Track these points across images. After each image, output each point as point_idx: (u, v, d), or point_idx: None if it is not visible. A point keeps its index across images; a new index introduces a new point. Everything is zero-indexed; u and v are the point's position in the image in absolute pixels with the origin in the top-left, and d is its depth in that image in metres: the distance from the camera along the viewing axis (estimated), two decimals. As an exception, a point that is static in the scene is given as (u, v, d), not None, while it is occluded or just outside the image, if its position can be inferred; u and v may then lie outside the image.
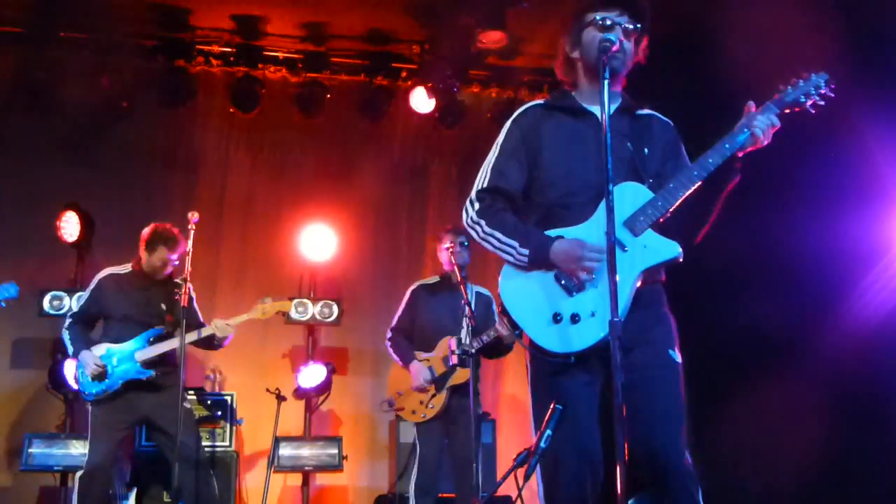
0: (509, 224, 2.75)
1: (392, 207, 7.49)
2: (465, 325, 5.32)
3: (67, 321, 5.17)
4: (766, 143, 2.63)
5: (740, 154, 2.65)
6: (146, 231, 5.20)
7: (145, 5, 6.41)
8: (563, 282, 2.64)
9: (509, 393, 7.36)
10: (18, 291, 4.82)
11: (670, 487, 2.57)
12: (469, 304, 5.05)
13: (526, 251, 2.68)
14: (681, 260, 2.66)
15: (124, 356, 4.98)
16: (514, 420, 7.28)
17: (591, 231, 2.67)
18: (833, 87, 2.68)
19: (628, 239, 2.63)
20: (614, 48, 2.54)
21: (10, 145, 6.78)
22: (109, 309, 5.14)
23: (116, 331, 5.09)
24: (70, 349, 5.06)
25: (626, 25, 2.71)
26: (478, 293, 5.51)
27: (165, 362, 5.04)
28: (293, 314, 6.51)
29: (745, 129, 2.61)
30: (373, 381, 7.09)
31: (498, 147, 2.89)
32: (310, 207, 7.13)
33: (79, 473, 4.92)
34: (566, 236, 2.67)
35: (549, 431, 2.57)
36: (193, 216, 4.84)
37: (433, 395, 5.24)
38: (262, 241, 7.14)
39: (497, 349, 5.35)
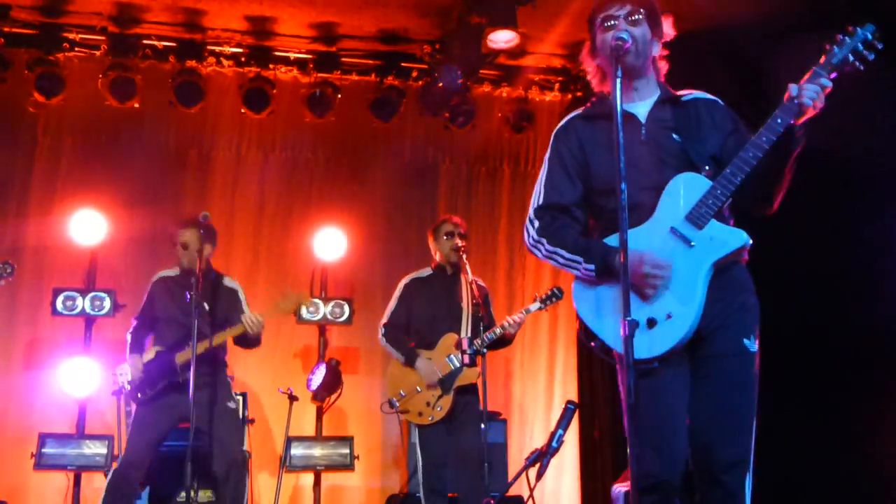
0: (570, 240, 2.75)
1: (403, 207, 7.49)
2: (464, 319, 5.29)
3: (132, 324, 5.27)
4: (820, 107, 2.57)
5: (797, 122, 2.58)
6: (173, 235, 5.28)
7: (157, 6, 6.43)
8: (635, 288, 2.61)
9: (519, 393, 7.34)
10: (14, 270, 4.83)
11: (707, 488, 2.56)
12: (481, 305, 5.05)
13: (592, 266, 2.67)
14: (749, 245, 2.62)
15: (167, 357, 5.02)
16: (524, 420, 7.28)
17: (652, 231, 2.65)
18: (881, 37, 2.59)
19: (693, 234, 2.60)
20: (626, 45, 2.52)
21: (23, 146, 6.82)
22: (159, 312, 5.20)
23: (163, 333, 5.16)
24: (127, 352, 5.18)
25: (630, 16, 2.69)
26: (477, 285, 5.29)
27: (202, 362, 4.95)
28: (304, 314, 6.52)
29: (795, 102, 2.56)
30: (384, 381, 7.07)
31: (547, 164, 2.90)
32: (321, 207, 7.15)
33: (113, 469, 4.95)
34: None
35: (560, 431, 2.57)
36: (205, 216, 4.85)
37: (440, 397, 5.15)
38: (274, 240, 7.16)
39: (499, 344, 5.31)
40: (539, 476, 2.60)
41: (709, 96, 2.88)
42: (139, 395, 5.02)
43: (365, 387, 7.06)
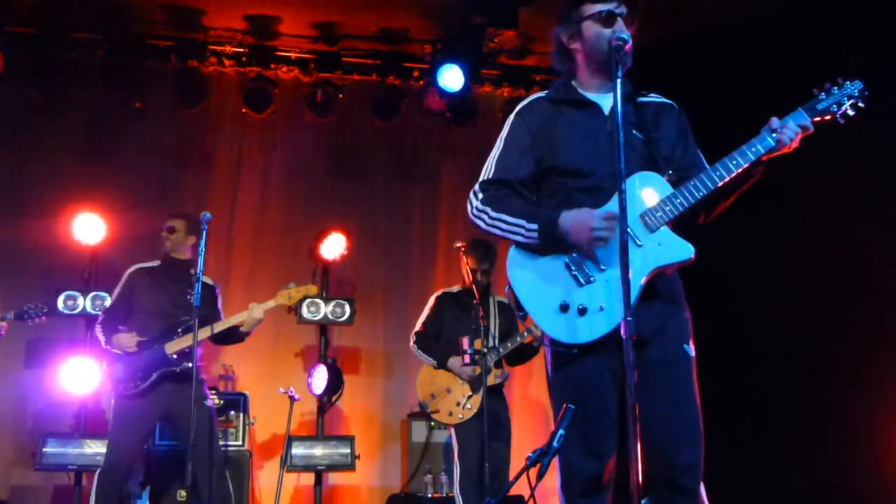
0: (515, 206, 2.71)
1: (404, 206, 7.50)
2: (490, 335, 5.38)
3: (100, 317, 5.20)
4: (795, 147, 2.58)
5: (764, 158, 2.60)
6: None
7: (159, 6, 6.43)
8: (573, 271, 2.60)
9: (521, 393, 7.34)
10: (50, 311, 4.86)
11: (667, 493, 2.55)
12: (479, 306, 5.11)
13: (534, 226, 2.62)
14: (692, 260, 2.60)
15: (155, 347, 5.00)
16: (525, 419, 7.27)
17: None
18: (867, 96, 2.63)
19: (643, 234, 2.59)
20: (627, 47, 2.51)
21: (25, 146, 6.82)
22: (140, 303, 5.17)
23: (143, 323, 5.09)
24: (102, 340, 5.07)
25: (628, 17, 2.66)
26: (500, 303, 5.54)
27: (187, 357, 4.98)
28: (305, 314, 6.51)
29: (774, 135, 2.56)
30: (385, 381, 7.10)
31: (503, 141, 2.86)
32: (322, 207, 7.16)
33: (98, 470, 4.92)
34: None
35: (561, 431, 2.55)
36: (206, 216, 4.86)
37: (469, 396, 5.26)
38: (275, 240, 7.16)
39: (522, 355, 5.43)
40: (540, 476, 2.60)
41: (666, 100, 2.87)
42: (131, 387, 4.93)
43: (366, 386, 7.06)
